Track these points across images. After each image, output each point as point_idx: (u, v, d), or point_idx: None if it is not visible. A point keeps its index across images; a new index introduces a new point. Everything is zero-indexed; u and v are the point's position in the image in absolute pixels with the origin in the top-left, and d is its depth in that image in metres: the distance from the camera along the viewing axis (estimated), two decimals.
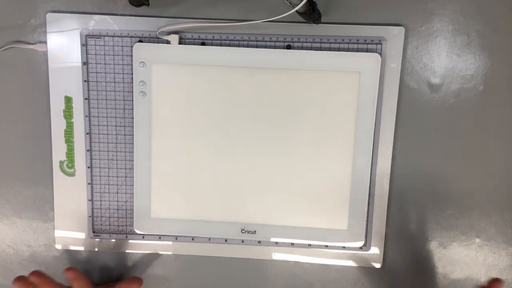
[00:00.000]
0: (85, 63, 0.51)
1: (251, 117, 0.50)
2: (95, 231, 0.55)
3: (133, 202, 0.53)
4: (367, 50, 0.49)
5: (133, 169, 0.53)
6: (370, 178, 0.51)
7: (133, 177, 0.53)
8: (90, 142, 0.53)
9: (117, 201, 0.54)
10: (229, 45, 0.50)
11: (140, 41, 0.50)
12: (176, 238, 0.54)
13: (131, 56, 0.50)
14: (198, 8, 0.50)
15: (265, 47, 0.50)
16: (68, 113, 0.52)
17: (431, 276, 0.54)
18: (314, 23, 0.48)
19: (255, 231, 0.53)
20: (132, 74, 0.50)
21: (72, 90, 0.51)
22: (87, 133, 0.52)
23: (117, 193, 0.54)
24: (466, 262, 0.54)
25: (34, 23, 0.51)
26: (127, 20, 0.50)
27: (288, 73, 0.49)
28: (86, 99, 0.52)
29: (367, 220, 0.52)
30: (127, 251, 0.55)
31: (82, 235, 0.55)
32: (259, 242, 0.54)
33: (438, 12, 0.49)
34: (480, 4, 0.49)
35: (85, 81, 0.51)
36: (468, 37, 0.49)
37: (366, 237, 0.53)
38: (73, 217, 0.54)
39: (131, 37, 0.50)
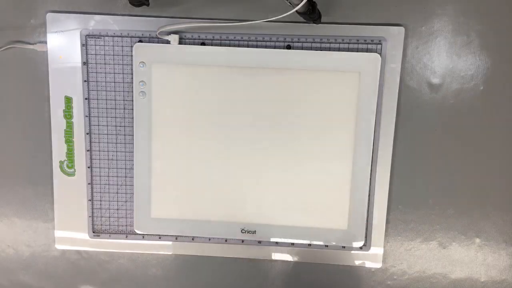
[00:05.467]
0: (85, 63, 0.51)
1: (251, 117, 0.50)
2: (95, 231, 0.55)
3: (133, 202, 0.53)
4: (367, 50, 0.49)
5: (133, 169, 0.53)
6: (370, 178, 0.52)
7: (133, 177, 0.53)
8: (90, 142, 0.53)
9: (117, 201, 0.54)
10: (229, 45, 0.50)
11: (140, 41, 0.50)
12: (176, 238, 0.54)
13: (131, 56, 0.50)
14: (198, 8, 0.50)
15: (265, 47, 0.50)
16: (68, 113, 0.52)
17: (431, 276, 0.54)
18: (314, 23, 0.48)
19: (255, 231, 0.53)
20: (132, 74, 0.50)
21: (72, 90, 0.51)
22: (87, 133, 0.52)
23: (117, 193, 0.54)
24: (466, 262, 0.54)
25: (34, 23, 0.51)
26: (127, 20, 0.50)
27: (288, 73, 0.49)
28: (86, 99, 0.52)
29: (367, 220, 0.52)
30: (127, 251, 0.55)
31: (82, 235, 0.55)
32: (259, 242, 0.54)
33: (438, 12, 0.49)
34: (480, 4, 0.49)
35: (85, 81, 0.51)
36: (468, 37, 0.49)
37: (366, 237, 0.53)
38: (73, 217, 0.54)
39: (131, 37, 0.50)
